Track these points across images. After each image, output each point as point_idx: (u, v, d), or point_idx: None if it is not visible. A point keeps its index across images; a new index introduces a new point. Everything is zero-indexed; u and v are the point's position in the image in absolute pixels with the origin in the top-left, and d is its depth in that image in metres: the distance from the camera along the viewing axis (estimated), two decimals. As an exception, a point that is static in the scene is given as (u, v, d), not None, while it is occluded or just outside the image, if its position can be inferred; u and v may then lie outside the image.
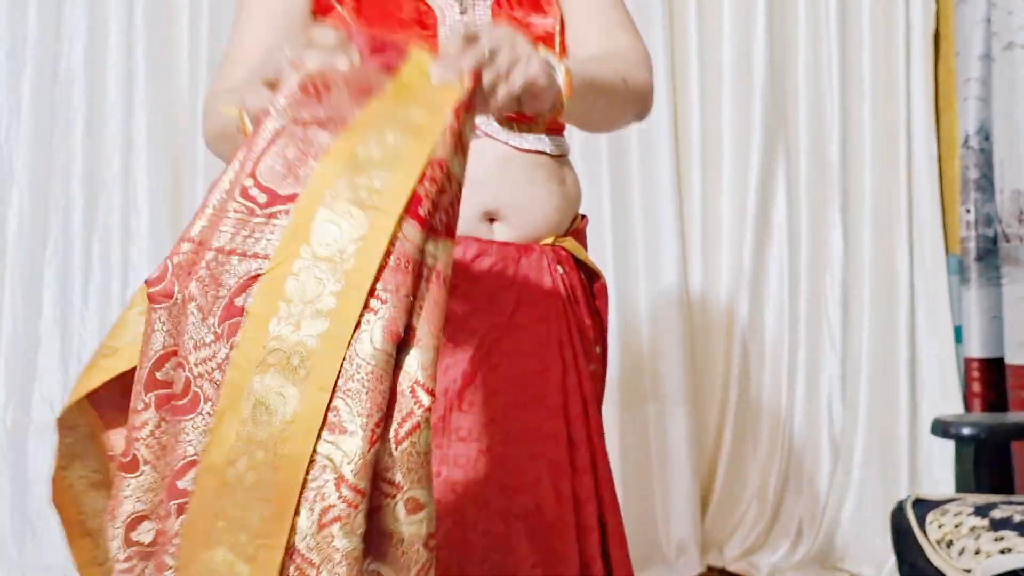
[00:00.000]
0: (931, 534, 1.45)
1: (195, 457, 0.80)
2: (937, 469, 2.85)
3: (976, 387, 2.78)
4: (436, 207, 0.82)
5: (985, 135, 2.73)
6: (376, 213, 0.78)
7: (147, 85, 2.90)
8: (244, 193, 0.80)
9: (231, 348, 0.78)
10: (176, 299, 0.81)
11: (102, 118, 2.91)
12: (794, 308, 2.93)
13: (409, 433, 0.78)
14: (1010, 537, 1.28)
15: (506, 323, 1.17)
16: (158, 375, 0.83)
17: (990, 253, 2.74)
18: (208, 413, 0.79)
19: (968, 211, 2.78)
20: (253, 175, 0.80)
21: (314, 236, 0.77)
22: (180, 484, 0.80)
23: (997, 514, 1.36)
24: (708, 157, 2.97)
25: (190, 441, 0.80)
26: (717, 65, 2.98)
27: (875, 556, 2.79)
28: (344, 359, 0.77)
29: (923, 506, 1.56)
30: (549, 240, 1.23)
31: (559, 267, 1.21)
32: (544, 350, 1.17)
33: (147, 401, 0.83)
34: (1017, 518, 1.32)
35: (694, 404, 2.89)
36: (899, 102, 2.92)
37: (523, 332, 1.17)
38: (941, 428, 1.74)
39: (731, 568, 2.80)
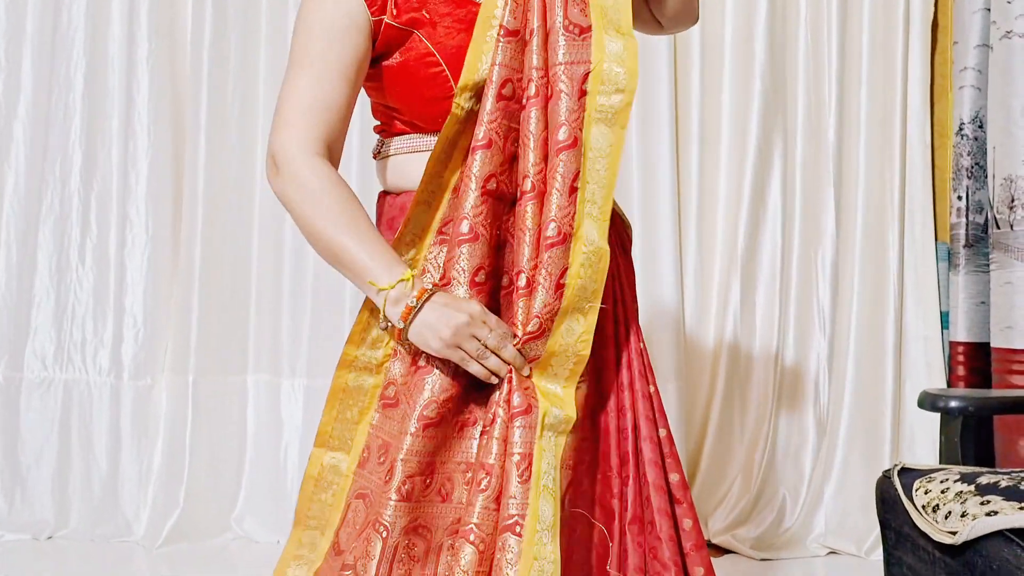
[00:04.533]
0: (917, 500, 1.47)
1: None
2: (919, 450, 2.90)
3: (960, 370, 2.82)
4: None
5: (979, 124, 2.77)
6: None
7: (149, 42, 2.89)
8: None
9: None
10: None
11: (103, 75, 2.91)
12: (785, 287, 2.97)
13: None
14: (996, 501, 1.31)
15: None
16: None
17: (979, 240, 2.77)
18: None
19: (960, 198, 2.81)
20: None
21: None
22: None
23: (983, 480, 1.39)
24: (707, 137, 3.00)
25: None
26: (718, 48, 3.00)
27: (856, 533, 2.84)
28: None
29: (909, 474, 1.59)
30: None
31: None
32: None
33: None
34: (1003, 483, 1.35)
35: (685, 379, 2.92)
36: (895, 89, 2.95)
37: None
38: (928, 401, 1.76)
39: (715, 541, 2.84)
